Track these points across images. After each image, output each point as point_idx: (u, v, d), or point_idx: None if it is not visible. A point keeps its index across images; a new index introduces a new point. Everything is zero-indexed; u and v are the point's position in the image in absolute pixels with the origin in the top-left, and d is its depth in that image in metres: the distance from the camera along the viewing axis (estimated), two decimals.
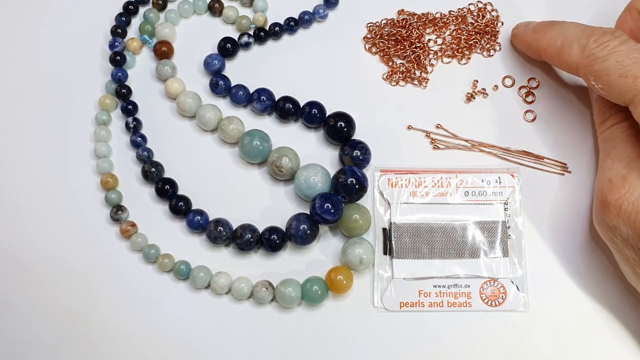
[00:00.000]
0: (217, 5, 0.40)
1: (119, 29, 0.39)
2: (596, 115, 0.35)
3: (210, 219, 0.35)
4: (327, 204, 0.34)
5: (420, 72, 0.39)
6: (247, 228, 0.35)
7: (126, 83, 0.39)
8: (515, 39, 0.38)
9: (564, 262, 0.35)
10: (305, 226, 0.34)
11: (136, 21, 0.40)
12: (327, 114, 0.37)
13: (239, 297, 0.34)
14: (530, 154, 0.37)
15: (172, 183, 0.36)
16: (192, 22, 0.41)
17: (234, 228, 0.35)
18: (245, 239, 0.34)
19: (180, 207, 0.35)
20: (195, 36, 0.40)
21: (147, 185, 0.37)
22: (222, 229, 0.35)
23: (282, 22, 0.40)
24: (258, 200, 0.36)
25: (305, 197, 0.35)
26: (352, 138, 0.36)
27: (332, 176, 0.35)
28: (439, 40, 0.40)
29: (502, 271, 0.35)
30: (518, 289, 0.34)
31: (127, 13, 0.40)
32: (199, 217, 0.35)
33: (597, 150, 0.37)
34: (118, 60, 0.38)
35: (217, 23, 0.41)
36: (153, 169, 0.36)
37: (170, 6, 0.41)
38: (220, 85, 0.38)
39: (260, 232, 0.35)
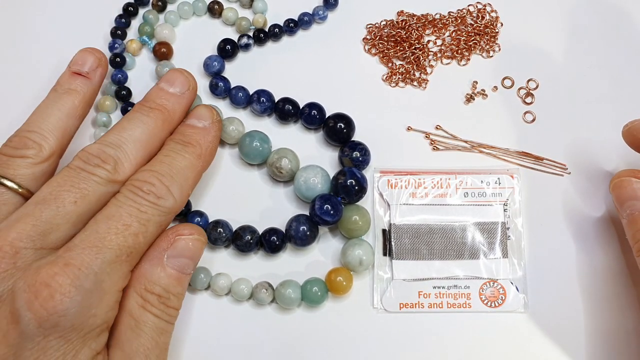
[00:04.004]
0: (216, 6, 0.40)
1: (119, 31, 0.39)
2: None
3: (210, 220, 0.35)
4: (326, 205, 0.34)
5: (420, 73, 0.39)
6: (247, 229, 0.35)
7: (126, 85, 0.39)
8: (629, 135, 0.34)
9: (564, 263, 0.35)
10: (304, 227, 0.34)
11: (136, 23, 0.40)
12: (327, 115, 0.37)
13: (238, 298, 0.34)
14: (529, 155, 0.37)
15: None
16: (191, 24, 0.41)
17: (234, 229, 0.35)
18: (245, 241, 0.34)
19: None
20: (194, 37, 0.40)
21: None
22: (221, 230, 0.35)
23: (281, 24, 0.40)
24: (258, 201, 0.36)
25: (305, 199, 0.35)
26: (352, 139, 0.37)
27: (331, 177, 0.35)
28: (439, 42, 0.40)
29: (502, 272, 0.35)
30: (518, 290, 0.34)
31: (127, 14, 0.40)
32: (199, 219, 0.35)
33: (596, 152, 0.37)
34: (118, 62, 0.38)
35: (217, 24, 0.41)
36: None
37: (169, 7, 0.41)
38: (219, 86, 0.38)
39: (260, 233, 0.35)
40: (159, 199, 0.29)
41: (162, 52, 0.39)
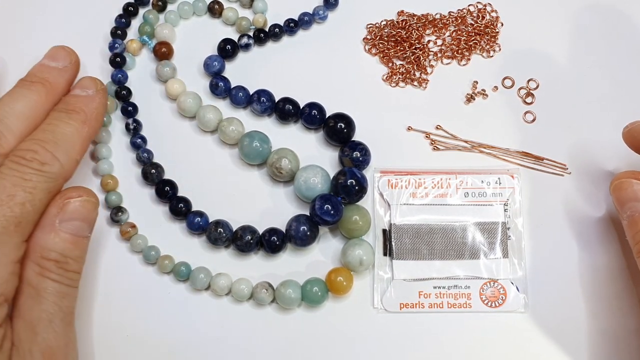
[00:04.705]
0: (216, 6, 0.40)
1: (119, 31, 0.39)
2: None
3: (210, 220, 0.35)
4: (327, 205, 0.34)
5: (420, 73, 0.39)
6: (247, 229, 0.35)
7: (126, 84, 0.39)
8: (629, 137, 0.34)
9: (564, 263, 0.35)
10: (305, 227, 0.34)
11: (136, 23, 0.40)
12: (327, 115, 0.37)
13: (239, 299, 0.34)
14: (530, 155, 0.37)
15: (172, 184, 0.36)
16: (191, 24, 0.41)
17: (234, 229, 0.35)
18: (245, 241, 0.34)
19: (180, 208, 0.35)
20: (194, 37, 0.40)
21: (147, 187, 0.37)
22: (222, 230, 0.35)
23: (281, 24, 0.40)
24: (258, 201, 0.36)
25: (305, 199, 0.35)
26: (352, 139, 0.37)
27: (331, 177, 0.35)
28: (439, 42, 0.40)
29: (502, 272, 0.35)
30: (518, 290, 0.34)
31: (127, 14, 0.40)
32: (199, 219, 0.35)
33: (597, 152, 0.37)
34: (118, 62, 0.38)
35: (217, 24, 0.41)
36: (153, 171, 0.36)
37: (169, 7, 0.41)
38: (220, 86, 0.38)
39: (260, 233, 0.35)
40: (44, 165, 0.29)
41: (163, 51, 0.39)
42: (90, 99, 0.33)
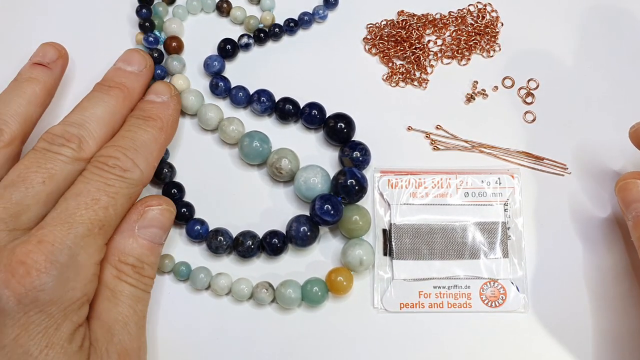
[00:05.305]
0: (225, 5, 0.40)
1: (147, 22, 0.38)
2: None
3: (210, 220, 0.35)
4: (327, 205, 0.34)
5: (420, 73, 0.39)
6: (247, 234, 0.34)
7: None
8: (635, 136, 0.34)
9: (564, 263, 0.35)
10: (305, 228, 0.34)
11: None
12: (327, 115, 0.37)
13: (239, 298, 0.34)
14: (530, 154, 0.37)
15: (179, 187, 0.36)
16: (197, 21, 0.40)
17: (234, 235, 0.35)
18: (247, 246, 0.34)
19: (183, 213, 0.35)
20: (201, 34, 0.40)
21: (149, 187, 0.37)
22: (222, 238, 0.34)
23: (281, 23, 0.40)
24: (258, 202, 0.36)
25: (305, 199, 0.35)
26: (352, 139, 0.36)
27: (331, 177, 0.35)
28: (439, 41, 0.40)
29: (502, 272, 0.35)
30: (518, 290, 0.34)
31: (145, 2, 0.39)
32: (199, 227, 0.35)
33: (597, 152, 0.37)
34: (156, 57, 0.38)
35: (223, 22, 0.40)
36: (166, 170, 0.36)
37: (178, 2, 0.40)
38: (220, 86, 0.38)
39: (261, 236, 0.35)
40: (125, 172, 0.30)
41: (174, 46, 0.38)
42: (166, 105, 0.34)
